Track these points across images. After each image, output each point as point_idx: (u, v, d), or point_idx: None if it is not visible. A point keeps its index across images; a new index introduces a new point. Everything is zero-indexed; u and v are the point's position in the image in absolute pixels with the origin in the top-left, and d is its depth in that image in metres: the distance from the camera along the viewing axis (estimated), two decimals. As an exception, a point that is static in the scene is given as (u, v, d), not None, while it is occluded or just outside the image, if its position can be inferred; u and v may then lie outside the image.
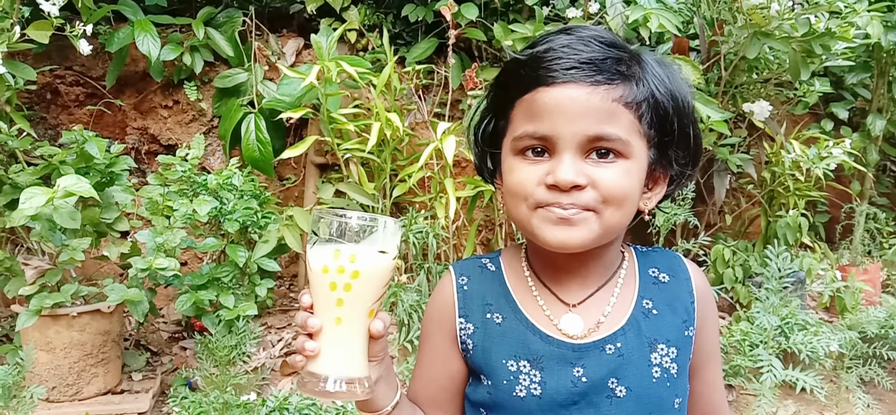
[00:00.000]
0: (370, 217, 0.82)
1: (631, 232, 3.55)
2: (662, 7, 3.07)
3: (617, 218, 0.88)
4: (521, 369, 0.93)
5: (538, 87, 0.87)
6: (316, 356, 0.82)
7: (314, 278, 0.82)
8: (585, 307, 0.95)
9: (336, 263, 0.80)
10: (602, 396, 0.92)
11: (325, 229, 0.81)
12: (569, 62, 0.85)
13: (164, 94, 3.80)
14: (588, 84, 0.85)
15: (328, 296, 0.81)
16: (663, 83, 0.90)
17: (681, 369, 0.95)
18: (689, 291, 0.99)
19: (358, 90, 3.40)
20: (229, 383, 2.57)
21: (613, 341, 0.93)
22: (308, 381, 0.82)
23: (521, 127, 0.89)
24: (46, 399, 2.55)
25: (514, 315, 0.96)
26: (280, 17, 4.02)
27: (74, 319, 2.54)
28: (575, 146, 0.85)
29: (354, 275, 0.80)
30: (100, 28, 3.51)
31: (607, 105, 0.85)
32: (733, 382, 2.86)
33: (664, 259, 1.02)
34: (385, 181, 3.23)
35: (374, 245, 0.81)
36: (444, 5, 3.39)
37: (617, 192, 0.86)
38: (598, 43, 0.87)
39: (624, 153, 0.87)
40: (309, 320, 0.82)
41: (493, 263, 1.02)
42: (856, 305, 3.26)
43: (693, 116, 0.94)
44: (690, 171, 0.96)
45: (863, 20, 3.29)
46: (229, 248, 2.88)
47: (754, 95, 3.37)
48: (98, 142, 2.67)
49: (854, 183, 3.99)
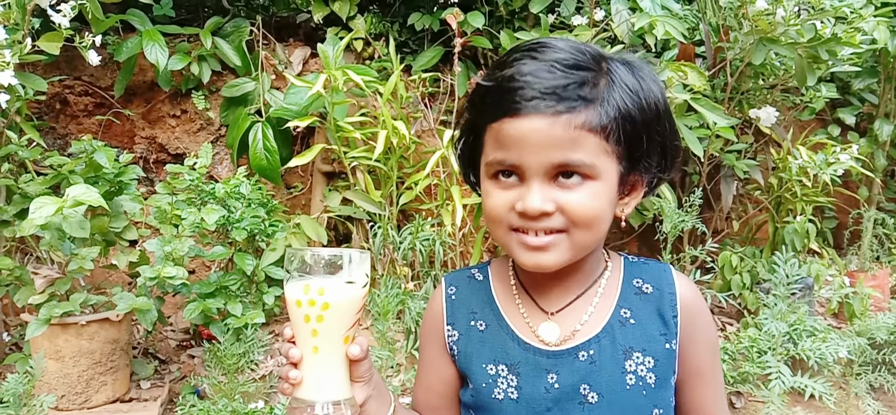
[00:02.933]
0: (337, 252, 0.88)
1: (638, 239, 3.54)
2: (668, 14, 3.07)
3: (588, 238, 0.92)
4: (500, 372, 0.98)
5: (503, 118, 0.89)
6: (300, 383, 0.88)
7: (291, 312, 0.88)
8: (563, 315, 0.99)
9: (307, 297, 0.86)
10: (574, 402, 0.95)
11: (296, 266, 0.87)
12: (531, 92, 0.86)
13: (172, 104, 3.82)
14: (549, 115, 0.86)
15: (304, 327, 0.87)
16: (631, 97, 0.89)
17: (660, 380, 0.96)
18: (673, 305, 0.99)
19: (364, 98, 3.41)
20: (237, 391, 2.58)
21: (587, 348, 0.96)
22: (296, 407, 0.88)
23: (492, 154, 0.92)
24: (56, 408, 2.56)
25: (496, 322, 1.01)
26: (287, 27, 4.05)
27: (83, 327, 2.55)
28: (542, 174, 0.88)
29: (325, 307, 0.86)
30: (108, 38, 3.54)
31: (570, 133, 0.86)
32: (741, 388, 2.85)
33: (653, 272, 1.03)
34: (392, 189, 3.23)
35: (342, 277, 0.87)
36: (450, 14, 3.40)
37: (584, 215, 0.89)
38: (561, 68, 0.87)
39: (591, 175, 0.88)
40: (290, 350, 0.88)
41: (481, 274, 1.07)
42: (864, 311, 3.23)
43: (667, 117, 0.94)
44: (666, 174, 0.97)
45: (869, 25, 3.28)
46: (237, 256, 2.89)
47: (761, 101, 3.37)
48: (107, 151, 2.69)
49: (862, 188, 3.97)
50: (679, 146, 0.98)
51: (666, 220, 2.96)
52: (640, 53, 0.93)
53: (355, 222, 3.38)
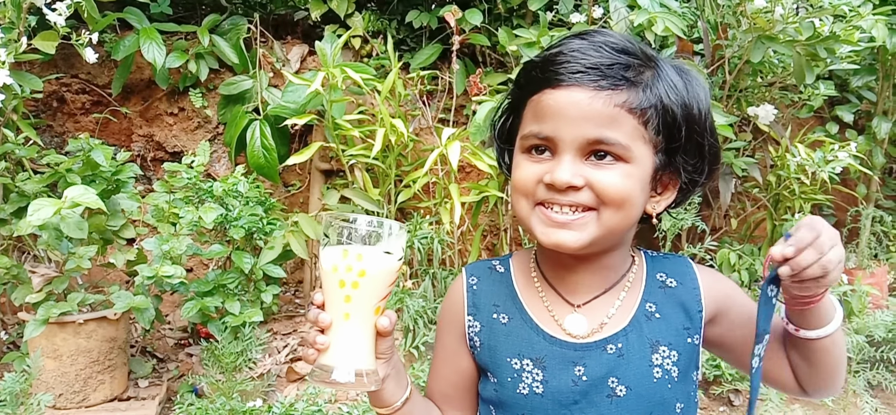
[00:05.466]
0: (377, 221, 0.88)
1: (637, 237, 3.54)
2: (666, 11, 3.07)
3: (616, 220, 0.90)
4: (525, 367, 0.97)
5: (545, 89, 0.89)
6: (326, 349, 0.87)
7: (325, 277, 0.89)
8: (590, 308, 0.98)
9: (344, 263, 0.86)
10: (602, 395, 0.94)
11: (335, 231, 0.88)
12: (575, 66, 0.87)
13: (170, 102, 3.81)
14: (591, 88, 0.86)
15: (337, 293, 0.87)
16: (676, 91, 0.90)
17: (682, 374, 0.97)
18: (697, 299, 1.00)
19: (362, 96, 3.40)
20: (235, 389, 2.57)
21: (615, 341, 0.96)
22: (318, 372, 0.88)
23: (528, 126, 0.92)
24: (53, 406, 2.56)
25: (519, 316, 1.00)
26: (284, 24, 4.04)
27: (81, 326, 2.55)
28: (575, 148, 0.88)
29: (361, 274, 0.86)
30: (105, 36, 3.53)
31: (609, 110, 0.86)
32: (740, 386, 2.85)
33: (674, 265, 1.04)
34: (390, 187, 3.23)
35: (381, 247, 0.87)
36: (448, 11, 3.39)
37: (613, 193, 0.88)
38: (609, 49, 0.88)
39: (624, 157, 0.88)
40: (320, 315, 0.87)
41: (502, 266, 1.06)
42: (863, 309, 3.24)
43: (709, 126, 0.94)
44: (702, 179, 0.97)
45: (867, 23, 3.28)
46: (235, 254, 2.89)
47: (759, 99, 3.36)
48: (104, 149, 2.68)
49: (860, 186, 3.97)
50: (718, 154, 0.97)
51: (664, 217, 2.96)
52: (656, 53, 0.94)
53: (353, 220, 3.37)
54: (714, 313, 1.01)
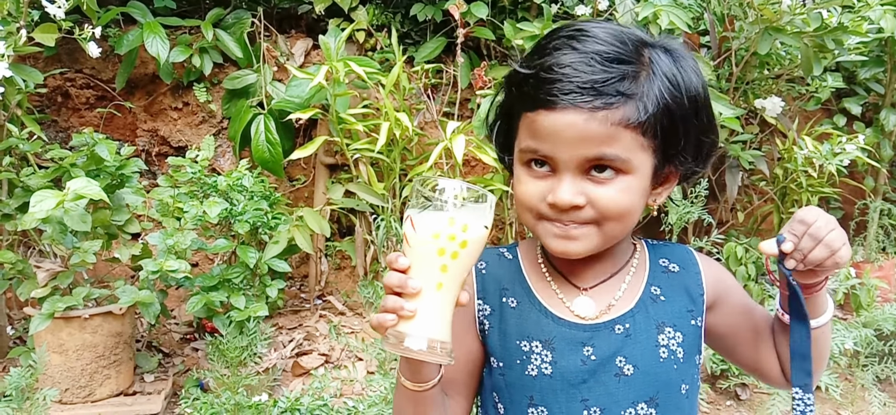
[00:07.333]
0: (482, 191, 0.84)
1: (642, 230, 3.53)
2: (672, 3, 3.04)
3: (619, 229, 0.93)
4: (534, 349, 0.98)
5: (539, 109, 0.88)
6: (412, 317, 0.83)
7: (421, 243, 0.83)
8: (597, 291, 1.01)
9: (448, 230, 0.82)
10: (610, 374, 0.96)
11: (431, 194, 0.83)
12: (569, 86, 0.85)
13: (174, 96, 3.81)
14: (587, 110, 0.85)
15: (434, 261, 0.82)
16: (671, 89, 0.88)
17: (687, 355, 1.00)
18: (699, 283, 1.04)
19: (367, 90, 3.39)
20: (241, 384, 2.57)
21: (622, 321, 0.98)
22: (394, 339, 0.83)
23: (525, 141, 0.92)
24: (59, 401, 2.56)
25: (528, 300, 1.01)
26: (288, 18, 4.03)
27: (86, 321, 2.55)
28: (574, 168, 0.88)
29: (463, 244, 0.82)
30: (109, 31, 3.53)
31: (606, 129, 0.86)
32: (747, 380, 2.84)
33: (675, 252, 1.07)
34: (394, 181, 3.22)
35: (482, 219, 0.84)
36: (452, 4, 3.38)
37: (614, 210, 0.90)
38: (601, 61, 0.86)
39: (624, 170, 0.89)
40: (409, 281, 0.83)
41: (510, 253, 1.07)
42: (871, 303, 3.22)
43: (706, 110, 0.94)
44: (701, 167, 0.97)
45: (876, 14, 3.25)
46: (240, 249, 2.89)
47: (766, 91, 3.34)
48: (108, 144, 2.68)
49: (867, 179, 3.95)
50: (716, 140, 0.98)
51: (671, 211, 2.95)
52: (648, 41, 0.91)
53: (358, 215, 3.37)
54: (713, 299, 1.04)
